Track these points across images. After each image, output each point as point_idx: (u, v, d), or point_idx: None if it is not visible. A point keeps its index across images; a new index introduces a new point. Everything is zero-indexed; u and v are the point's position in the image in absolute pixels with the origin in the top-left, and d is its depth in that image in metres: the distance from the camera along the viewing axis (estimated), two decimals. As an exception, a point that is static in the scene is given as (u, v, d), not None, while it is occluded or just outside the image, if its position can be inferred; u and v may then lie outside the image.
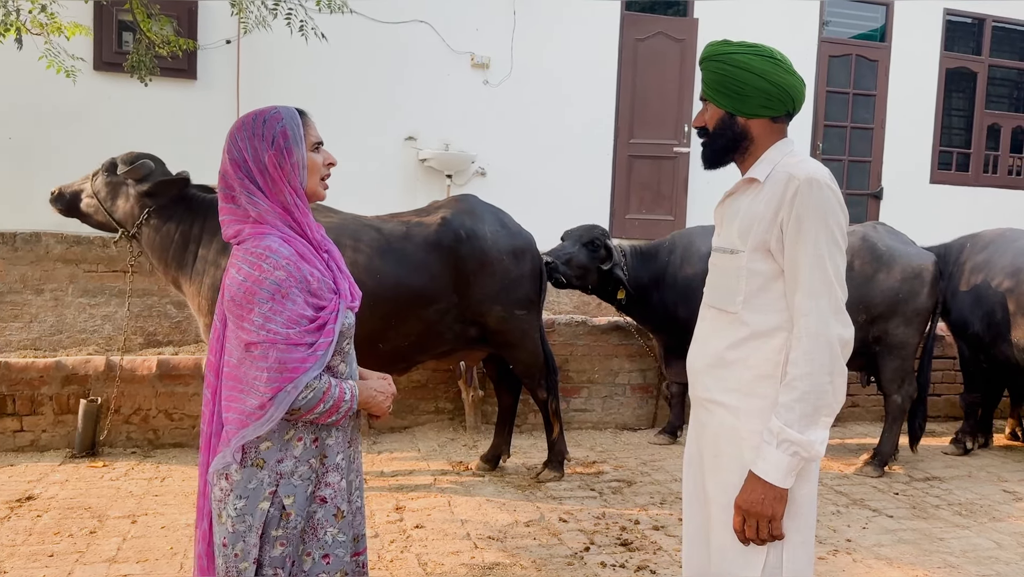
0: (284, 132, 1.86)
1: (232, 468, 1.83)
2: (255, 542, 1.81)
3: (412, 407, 5.78)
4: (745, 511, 1.91)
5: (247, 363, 1.79)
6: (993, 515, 4.48)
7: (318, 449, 1.90)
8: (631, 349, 6.13)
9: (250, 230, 1.85)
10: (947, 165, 9.56)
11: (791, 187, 1.91)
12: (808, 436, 1.87)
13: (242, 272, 1.78)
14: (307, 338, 1.80)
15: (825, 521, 4.26)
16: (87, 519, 3.91)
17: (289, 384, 1.77)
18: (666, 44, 8.28)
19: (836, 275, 1.92)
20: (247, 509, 1.82)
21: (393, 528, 3.94)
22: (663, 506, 4.40)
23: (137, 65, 4.95)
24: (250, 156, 1.84)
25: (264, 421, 1.78)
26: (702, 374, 2.11)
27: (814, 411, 1.88)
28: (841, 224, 1.93)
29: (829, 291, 1.90)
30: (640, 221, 8.31)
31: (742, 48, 2.03)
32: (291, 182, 1.86)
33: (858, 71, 9.07)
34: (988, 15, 9.45)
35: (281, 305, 1.76)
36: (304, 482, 1.87)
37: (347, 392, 1.89)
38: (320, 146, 1.96)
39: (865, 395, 6.54)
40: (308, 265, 1.84)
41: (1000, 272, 5.36)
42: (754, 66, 1.99)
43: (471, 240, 4.48)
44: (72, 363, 5.01)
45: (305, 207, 1.90)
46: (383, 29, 7.48)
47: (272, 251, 1.78)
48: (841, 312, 1.92)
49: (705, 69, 2.06)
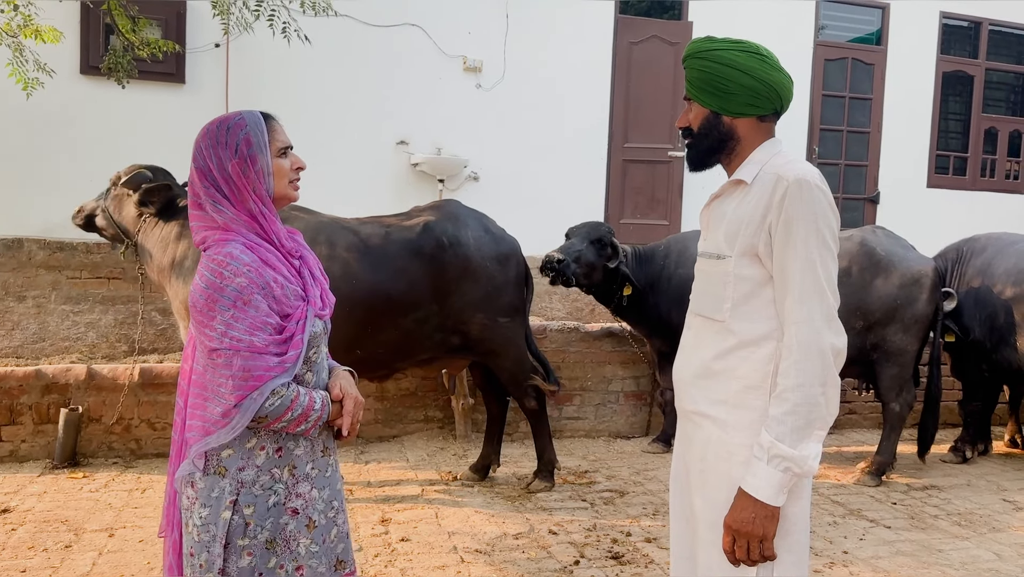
0: (247, 139, 1.83)
1: (196, 476, 1.80)
2: (219, 552, 1.78)
3: (401, 416, 5.68)
4: (735, 531, 1.81)
5: (212, 370, 1.76)
6: (993, 525, 4.38)
7: (283, 459, 1.85)
8: (624, 356, 6.03)
9: (215, 237, 1.83)
10: (944, 169, 9.49)
11: (779, 189, 1.82)
12: (800, 451, 1.77)
13: (204, 279, 1.76)
14: (273, 348, 1.77)
15: (821, 532, 4.16)
16: (63, 533, 3.80)
17: (254, 391, 1.74)
18: (660, 48, 8.21)
19: (828, 281, 1.82)
20: (210, 518, 1.79)
21: (378, 541, 3.84)
22: (655, 517, 4.30)
23: (114, 67, 4.85)
24: (214, 165, 1.82)
25: (229, 429, 1.75)
26: (688, 385, 2.01)
27: (806, 424, 1.78)
28: (832, 227, 1.84)
29: (821, 297, 1.81)
30: (635, 226, 8.22)
31: (727, 44, 1.95)
32: (256, 190, 1.84)
33: (854, 74, 9.00)
34: (985, 18, 9.39)
35: (243, 312, 1.74)
36: (266, 492, 1.82)
37: (317, 401, 1.86)
38: (288, 150, 1.92)
39: (862, 402, 6.45)
40: (272, 271, 1.81)
41: (1002, 277, 5.27)
42: (739, 62, 1.91)
43: (454, 247, 4.38)
44: (52, 371, 4.91)
45: (272, 214, 1.87)
46: (375, 33, 7.40)
47: (233, 258, 1.76)
48: (833, 320, 1.83)
49: (688, 67, 1.97)
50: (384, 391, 5.62)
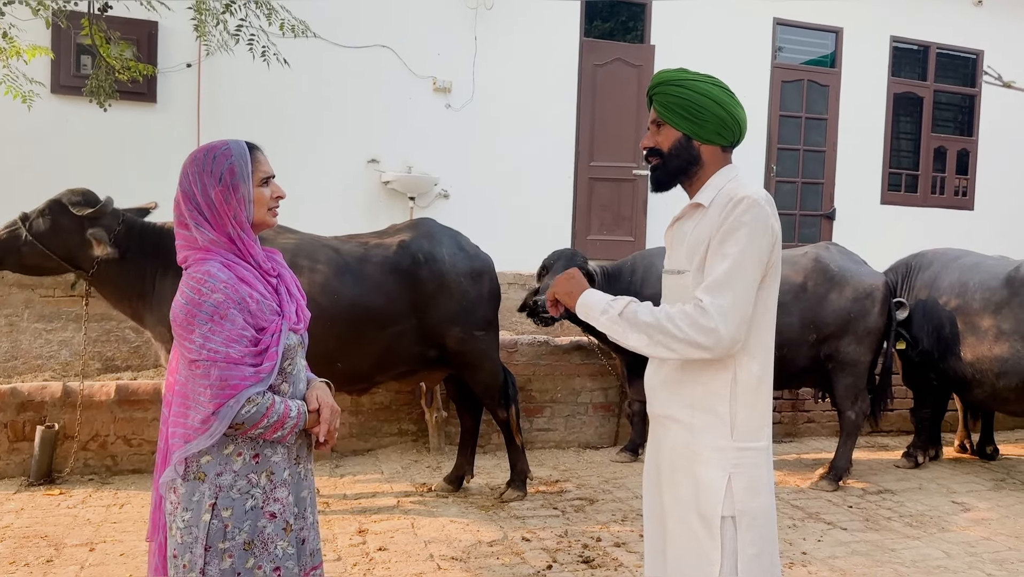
0: (232, 169, 1.97)
1: (178, 481, 1.93)
2: (201, 553, 1.90)
3: (375, 429, 5.78)
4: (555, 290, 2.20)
5: (192, 381, 1.90)
6: (942, 525, 4.62)
7: (260, 465, 1.98)
8: (593, 368, 6.21)
9: (195, 256, 1.97)
10: (897, 186, 9.87)
11: (729, 206, 2.01)
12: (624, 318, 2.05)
13: (184, 295, 1.91)
14: (249, 359, 1.90)
15: (782, 535, 4.35)
16: (43, 548, 3.85)
17: (231, 399, 1.87)
18: (624, 70, 8.46)
19: (743, 283, 1.98)
20: (192, 521, 1.92)
21: (356, 551, 3.94)
22: (624, 523, 4.46)
23: (96, 90, 4.93)
24: (199, 191, 1.95)
25: (208, 435, 1.88)
26: (658, 391, 2.19)
27: (643, 328, 2.02)
28: (770, 242, 2.01)
29: (732, 292, 1.97)
30: (601, 242, 8.43)
31: (701, 77, 2.14)
32: (236, 216, 1.97)
33: (810, 96, 9.35)
34: (932, 42, 9.82)
35: (219, 325, 1.88)
36: (242, 496, 1.95)
37: (293, 409, 2.00)
38: (270, 180, 2.07)
39: (820, 411, 6.69)
40: (248, 288, 1.95)
41: (947, 290, 5.55)
42: (714, 94, 2.10)
43: (429, 263, 4.54)
44: (28, 389, 4.94)
45: (250, 238, 2.01)
46: (346, 53, 7.54)
47: (211, 275, 1.90)
48: (730, 314, 1.96)
49: (663, 92, 2.13)
50: (359, 405, 5.72)
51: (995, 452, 6.19)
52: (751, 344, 2.05)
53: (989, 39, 9.91)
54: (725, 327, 1.95)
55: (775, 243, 2.04)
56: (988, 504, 5.04)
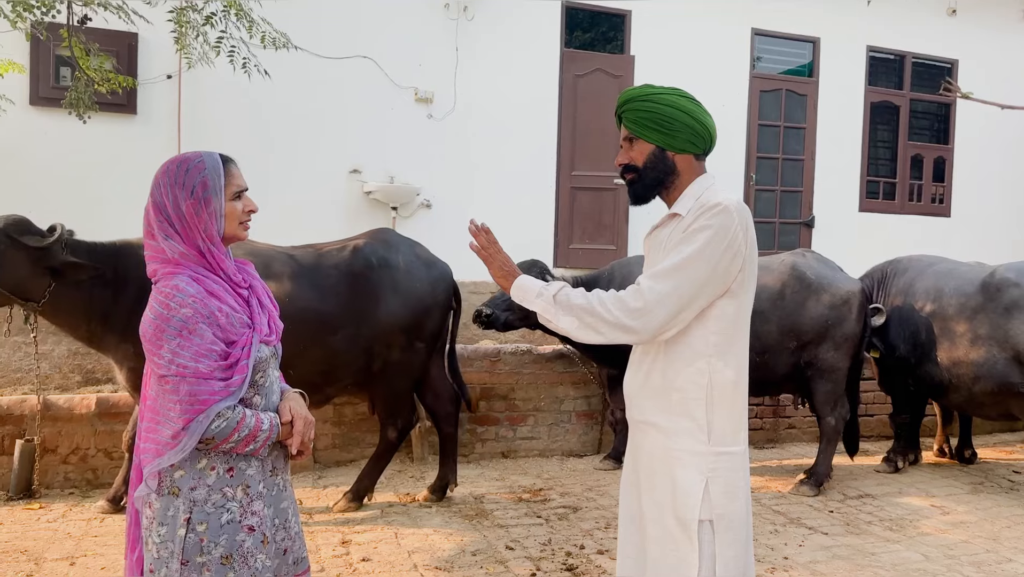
0: (204, 183, 1.96)
1: (152, 496, 1.92)
2: (177, 568, 1.90)
3: (358, 440, 5.77)
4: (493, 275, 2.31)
5: (161, 396, 1.89)
6: (921, 529, 4.67)
7: (235, 479, 1.97)
8: (576, 376, 6.23)
9: (164, 270, 1.95)
10: (875, 194, 9.99)
11: (700, 212, 2.05)
12: (557, 303, 2.10)
13: (153, 310, 1.90)
14: (218, 373, 1.90)
15: (763, 540, 4.39)
16: (23, 563, 3.81)
17: (200, 415, 1.87)
18: (604, 80, 8.53)
19: (689, 281, 2.02)
20: (168, 536, 1.91)
21: (339, 562, 3.94)
22: (608, 530, 4.48)
23: (76, 102, 4.91)
24: (170, 202, 1.94)
25: (177, 450, 1.88)
26: (637, 397, 2.22)
27: (575, 310, 2.08)
28: (732, 248, 2.04)
29: (674, 284, 2.02)
30: (583, 251, 8.47)
31: (666, 89, 2.18)
32: (206, 229, 1.95)
33: (788, 105, 9.45)
34: (908, 51, 9.96)
35: (188, 340, 1.87)
36: (218, 510, 1.94)
37: (264, 421, 1.98)
38: (243, 193, 2.05)
39: (801, 416, 6.75)
40: (217, 301, 1.93)
41: (922, 296, 5.62)
42: (681, 105, 2.14)
43: (382, 268, 4.53)
44: (7, 403, 4.90)
45: (220, 251, 1.99)
46: (327, 64, 7.55)
47: (179, 290, 1.89)
48: (661, 305, 2.01)
49: (632, 108, 2.18)
50: (341, 416, 5.71)
51: (973, 456, 6.27)
52: (725, 349, 2.09)
53: (963, 49, 10.08)
54: (656, 311, 2.00)
55: (742, 249, 2.06)
56: (966, 507, 5.10)
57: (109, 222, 4.76)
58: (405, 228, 7.90)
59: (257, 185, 2.24)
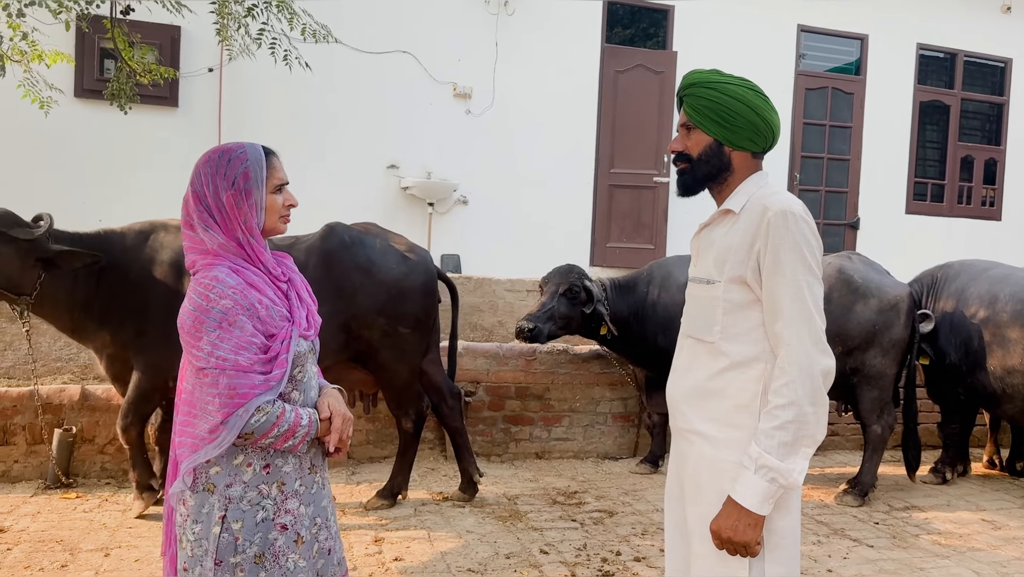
0: (246, 174, 1.91)
1: (186, 493, 1.88)
2: (211, 567, 1.85)
3: (392, 436, 5.72)
4: (718, 536, 1.91)
5: (199, 389, 1.84)
6: (972, 544, 4.49)
7: (271, 476, 1.93)
8: (612, 377, 6.13)
9: (203, 261, 1.91)
10: (922, 196, 9.73)
11: (766, 218, 1.93)
12: (787, 464, 1.87)
13: (192, 301, 1.85)
14: (258, 367, 1.85)
15: (806, 551, 4.25)
16: (59, 552, 3.83)
17: (240, 408, 1.82)
18: (646, 76, 8.40)
19: (815, 305, 1.94)
20: (202, 534, 1.87)
21: (372, 561, 3.89)
22: (645, 537, 4.37)
23: (117, 93, 4.94)
24: (210, 192, 1.90)
25: (215, 445, 1.83)
26: (682, 404, 2.11)
27: (794, 440, 1.88)
28: (816, 255, 1.95)
29: (809, 321, 1.92)
30: (621, 250, 8.36)
31: (735, 80, 2.06)
32: (246, 221, 1.91)
33: (834, 103, 9.24)
34: (960, 50, 9.68)
35: (228, 332, 1.82)
36: (253, 508, 1.89)
37: (304, 417, 1.93)
38: (284, 187, 2.01)
39: (844, 424, 6.57)
40: (257, 293, 1.89)
41: (975, 302, 5.42)
42: (747, 99, 2.02)
43: (355, 246, 4.46)
44: (47, 392, 4.94)
45: (259, 243, 1.95)
46: (366, 59, 7.54)
47: (219, 281, 1.84)
48: (821, 341, 1.93)
49: (695, 95, 2.05)
50: (375, 411, 5.67)
51: (1025, 468, 6.05)
52: None
53: (1018, 47, 9.76)
54: (823, 358, 1.91)
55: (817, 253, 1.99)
56: (1019, 522, 4.90)
57: (150, 214, 4.77)
58: (441, 224, 7.87)
59: (294, 179, 2.19)
